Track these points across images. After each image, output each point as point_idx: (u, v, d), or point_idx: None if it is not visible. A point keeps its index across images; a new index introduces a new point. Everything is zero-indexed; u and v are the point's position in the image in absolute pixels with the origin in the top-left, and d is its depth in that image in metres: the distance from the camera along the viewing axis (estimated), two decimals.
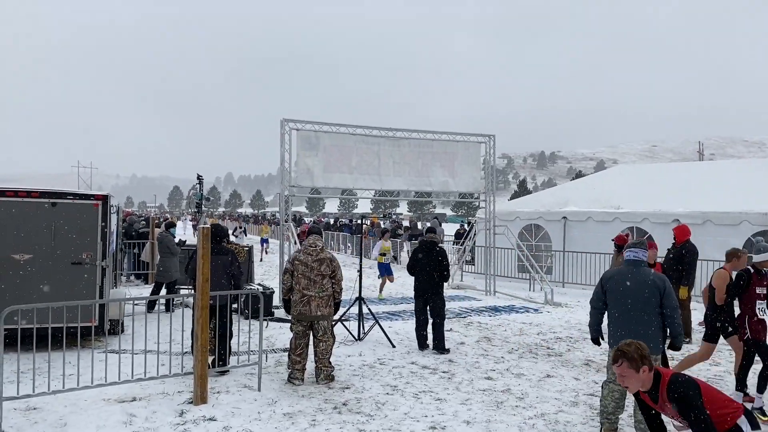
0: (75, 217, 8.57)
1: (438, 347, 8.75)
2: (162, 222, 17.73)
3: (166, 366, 7.09)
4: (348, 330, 9.62)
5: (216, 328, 7.24)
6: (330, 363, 7.21)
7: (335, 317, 7.77)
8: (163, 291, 12.14)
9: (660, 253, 9.38)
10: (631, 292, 5.21)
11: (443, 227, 30.19)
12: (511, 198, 62.76)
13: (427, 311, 9.02)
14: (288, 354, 7.24)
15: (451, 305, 13.14)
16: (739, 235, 13.93)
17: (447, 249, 16.29)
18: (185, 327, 7.56)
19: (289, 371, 7.11)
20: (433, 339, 8.85)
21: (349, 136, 13.77)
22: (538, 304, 13.78)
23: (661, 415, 4.01)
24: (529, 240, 18.07)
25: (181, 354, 7.15)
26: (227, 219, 66.19)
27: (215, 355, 7.29)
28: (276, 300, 11.52)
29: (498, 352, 8.97)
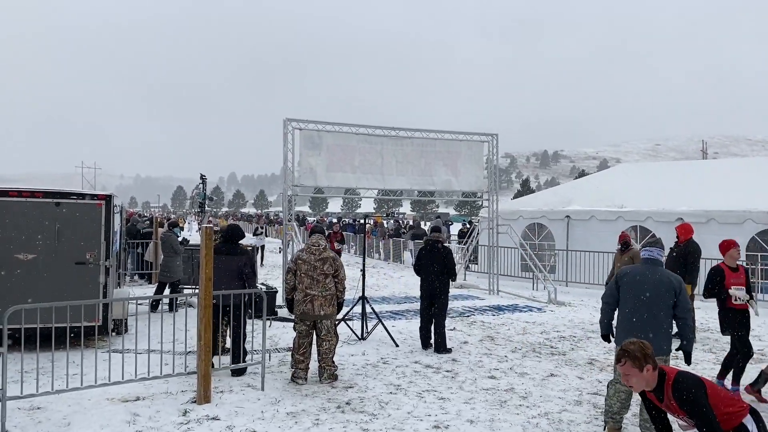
0: (79, 217, 8.58)
1: (438, 348, 8.74)
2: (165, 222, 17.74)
3: (169, 365, 7.09)
4: (351, 329, 9.62)
5: (229, 328, 7.27)
6: (333, 362, 7.20)
7: (338, 316, 7.77)
8: (167, 291, 12.15)
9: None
10: (646, 290, 5.18)
11: (449, 228, 30.27)
12: (514, 197, 62.73)
13: (432, 311, 9.01)
14: (291, 353, 7.25)
15: (455, 304, 13.13)
16: (743, 234, 13.89)
17: (452, 248, 16.26)
18: (189, 326, 7.56)
19: (293, 370, 7.11)
20: (435, 340, 8.84)
21: (352, 135, 13.77)
22: (541, 303, 13.76)
23: (667, 415, 3.99)
24: (533, 239, 18.06)
25: (185, 353, 7.15)
26: (231, 218, 65.98)
27: (218, 354, 7.30)
28: (279, 299, 11.52)
29: (501, 351, 8.96)
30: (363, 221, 15.63)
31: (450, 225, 30.51)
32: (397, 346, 9.08)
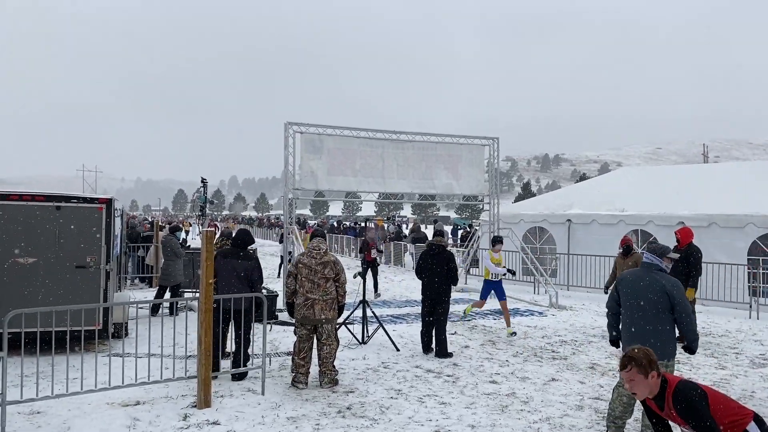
0: (79, 221, 8.58)
1: (439, 353, 8.71)
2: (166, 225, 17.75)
3: (170, 369, 7.08)
4: (352, 333, 9.60)
5: (234, 332, 7.27)
6: (334, 367, 7.18)
7: (339, 320, 7.75)
8: (168, 294, 12.14)
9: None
10: (641, 295, 5.18)
11: (458, 231, 30.00)
12: (515, 201, 62.70)
13: (433, 315, 8.98)
14: (291, 357, 7.23)
15: (456, 308, 13.08)
16: (745, 238, 13.88)
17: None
18: (189, 330, 7.55)
19: (293, 375, 7.09)
20: (436, 344, 8.81)
21: (353, 138, 13.78)
22: (542, 307, 13.73)
23: (669, 423, 3.97)
24: (534, 243, 18.03)
25: (185, 357, 7.13)
26: (230, 221, 65.76)
27: (219, 358, 7.28)
28: (280, 303, 11.50)
29: (503, 355, 8.94)
30: (363, 224, 15.62)
31: (459, 229, 30.16)
32: (398, 350, 9.05)
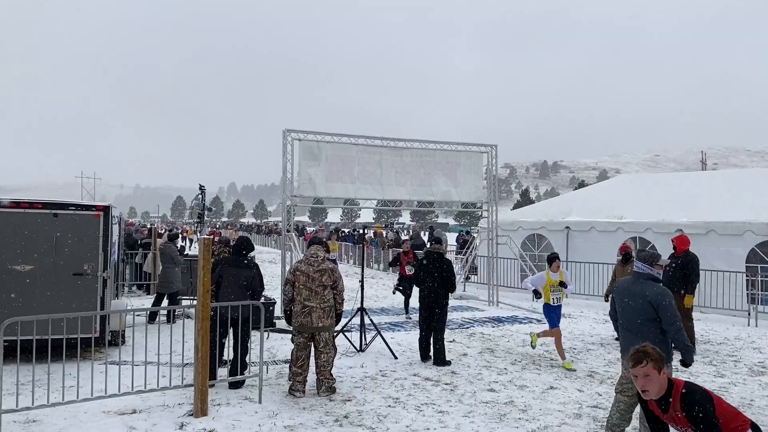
0: (77, 228, 8.56)
1: (437, 361, 8.69)
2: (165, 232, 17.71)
3: (166, 378, 7.05)
4: (350, 341, 9.57)
5: (232, 339, 7.26)
6: (331, 375, 7.15)
7: (336, 328, 7.73)
8: (165, 301, 12.11)
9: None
10: (630, 303, 5.24)
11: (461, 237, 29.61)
12: (514, 208, 62.66)
13: (431, 322, 8.95)
14: (289, 366, 7.20)
15: (454, 316, 13.08)
16: (743, 245, 13.88)
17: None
18: (187, 338, 7.52)
19: (290, 383, 7.06)
20: (434, 352, 8.78)
21: (351, 146, 13.77)
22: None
23: (668, 427, 3.94)
24: (532, 250, 18.02)
25: (182, 366, 7.10)
26: (228, 228, 65.50)
27: (217, 365, 7.25)
28: (278, 310, 11.48)
29: (501, 363, 8.91)
30: (362, 231, 15.58)
31: (463, 235, 29.78)
32: (396, 358, 9.02)
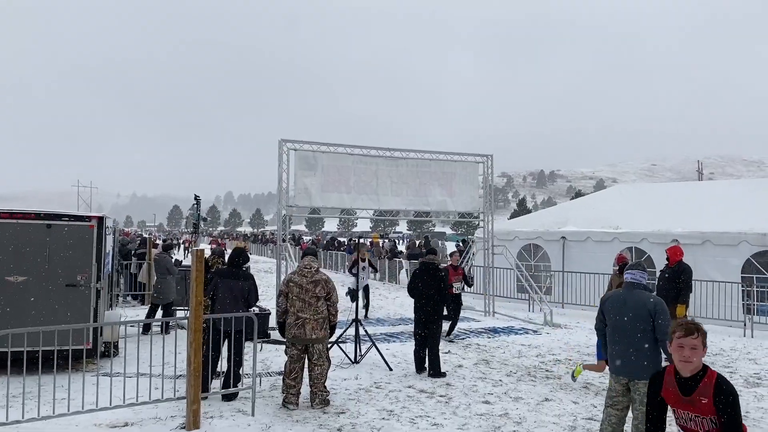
0: (70, 239, 8.52)
1: (432, 373, 8.65)
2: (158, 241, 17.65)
3: (159, 390, 6.99)
4: (344, 352, 9.52)
5: (229, 352, 7.23)
6: (325, 387, 7.11)
7: (331, 340, 7.68)
8: (160, 312, 12.05)
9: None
10: (625, 314, 5.19)
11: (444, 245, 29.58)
12: (511, 217, 62.69)
13: (426, 334, 8.91)
14: (282, 378, 7.15)
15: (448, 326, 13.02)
16: (739, 255, 13.88)
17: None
18: (181, 349, 7.48)
19: (284, 395, 7.01)
20: (429, 363, 8.74)
21: (347, 155, 13.77)
22: (537, 325, 13.67)
23: (665, 417, 3.81)
24: (528, 260, 18.00)
25: (174, 378, 7.04)
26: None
27: (209, 378, 7.20)
28: (272, 321, 11.42)
29: (496, 375, 8.87)
30: (357, 241, 15.53)
31: (459, 245, 29.64)
32: (391, 369, 8.98)
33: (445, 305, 10.86)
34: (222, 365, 7.59)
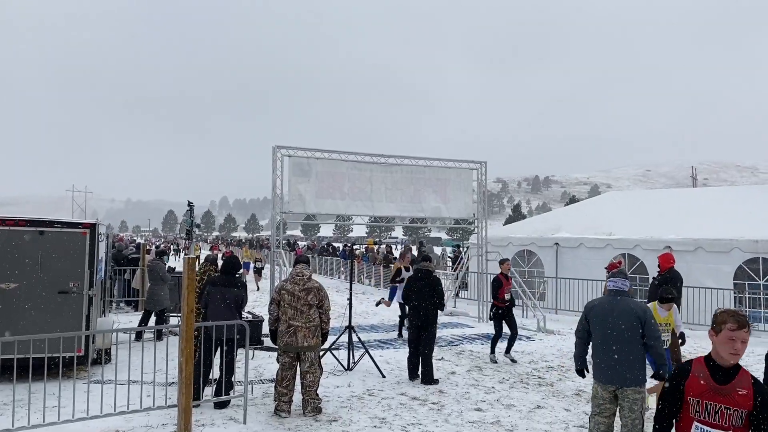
0: (62, 246, 8.50)
1: (425, 380, 8.65)
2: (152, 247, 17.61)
3: (151, 397, 6.97)
4: (337, 360, 9.51)
5: (221, 359, 7.23)
6: (317, 395, 7.10)
7: (323, 346, 7.68)
8: (153, 319, 12.02)
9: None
10: (613, 321, 5.21)
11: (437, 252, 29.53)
12: (506, 222, 62.73)
13: (420, 341, 8.90)
14: (275, 385, 7.14)
15: (443, 333, 13.04)
16: (731, 262, 13.95)
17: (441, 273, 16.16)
18: (174, 356, 7.46)
19: (276, 403, 7.00)
20: (422, 371, 8.74)
21: (341, 162, 13.79)
22: (530, 331, 13.68)
23: (676, 416, 3.60)
24: (522, 266, 18.03)
25: (166, 385, 7.02)
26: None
27: (201, 386, 7.18)
28: (266, 328, 11.40)
29: (489, 381, 8.88)
30: (351, 247, 15.55)
31: (455, 250, 29.46)
32: (384, 377, 8.97)
33: (503, 319, 10.44)
34: (214, 373, 7.58)
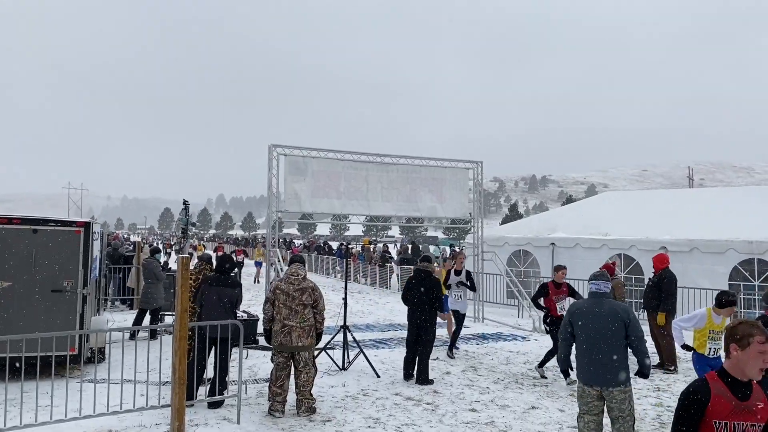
0: (56, 244, 8.47)
1: (419, 380, 8.64)
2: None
3: (144, 397, 6.95)
4: (332, 359, 9.50)
5: (215, 359, 7.21)
6: (311, 395, 7.09)
7: (318, 346, 7.66)
8: (148, 317, 11.99)
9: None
10: (597, 323, 5.24)
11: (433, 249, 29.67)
12: (503, 222, 62.81)
13: (418, 341, 8.88)
14: (269, 385, 7.13)
15: (440, 332, 12.97)
16: (726, 263, 13.98)
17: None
18: (168, 355, 7.42)
19: (270, 403, 6.99)
20: (417, 371, 8.73)
21: (337, 161, 13.77)
22: (525, 331, 13.69)
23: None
24: (518, 266, 18.05)
25: (159, 384, 7.00)
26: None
27: (195, 386, 7.16)
28: (260, 327, 11.38)
29: (484, 382, 8.87)
30: (347, 246, 15.54)
31: (452, 248, 29.59)
32: (379, 376, 8.96)
33: (551, 328, 9.45)
34: (209, 372, 7.56)
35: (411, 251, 25.64)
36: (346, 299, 10.06)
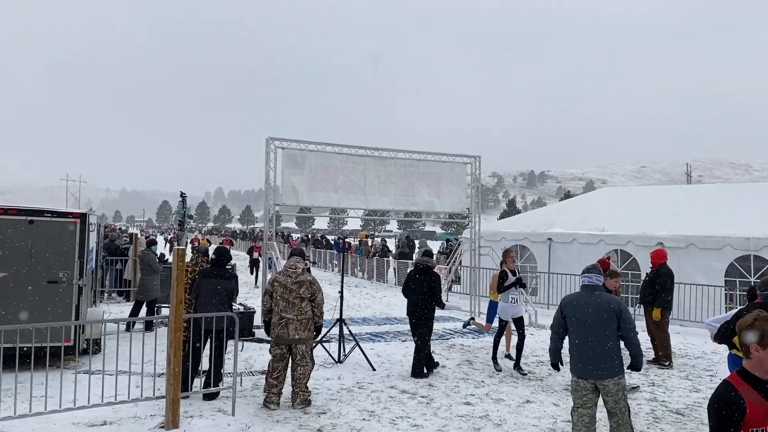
0: (53, 235, 8.45)
1: (415, 373, 8.65)
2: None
3: (139, 388, 6.95)
4: (328, 352, 9.51)
5: (211, 351, 7.22)
6: (307, 388, 7.10)
7: (315, 340, 7.67)
8: (144, 309, 11.99)
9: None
10: (589, 316, 5.26)
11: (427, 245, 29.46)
12: (500, 217, 62.83)
13: (415, 334, 8.89)
14: (265, 377, 7.14)
15: (435, 326, 13.00)
16: (722, 259, 14.00)
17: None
18: (164, 347, 7.44)
19: (265, 395, 7.00)
20: (412, 364, 8.74)
21: (335, 155, 13.75)
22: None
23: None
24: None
25: (154, 376, 7.00)
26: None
27: (190, 377, 7.17)
28: (257, 320, 11.40)
29: (479, 376, 8.89)
30: (344, 239, 15.53)
31: (445, 243, 29.39)
32: (374, 370, 8.97)
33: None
34: (204, 364, 7.57)
35: (407, 245, 25.63)
36: (342, 292, 10.07)
